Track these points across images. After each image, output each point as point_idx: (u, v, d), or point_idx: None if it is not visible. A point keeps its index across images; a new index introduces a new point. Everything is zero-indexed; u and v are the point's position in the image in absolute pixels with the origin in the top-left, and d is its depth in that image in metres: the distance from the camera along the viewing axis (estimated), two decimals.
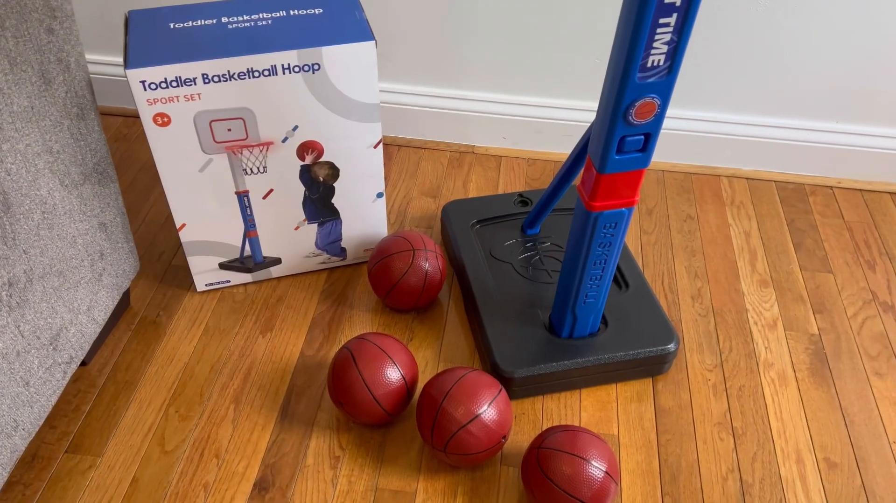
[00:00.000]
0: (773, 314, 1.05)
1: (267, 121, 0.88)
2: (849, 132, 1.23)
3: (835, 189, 1.26)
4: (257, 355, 0.98)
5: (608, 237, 0.80)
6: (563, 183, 0.97)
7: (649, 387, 0.95)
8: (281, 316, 1.03)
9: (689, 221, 1.19)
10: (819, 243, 1.16)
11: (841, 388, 0.95)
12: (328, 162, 0.95)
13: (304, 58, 0.84)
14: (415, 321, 1.03)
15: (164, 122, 0.85)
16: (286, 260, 1.05)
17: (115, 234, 0.91)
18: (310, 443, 0.88)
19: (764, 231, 1.18)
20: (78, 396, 0.92)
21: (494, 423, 0.80)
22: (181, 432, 0.89)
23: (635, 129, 0.69)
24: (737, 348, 1.00)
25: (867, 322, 1.04)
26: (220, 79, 0.83)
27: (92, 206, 0.86)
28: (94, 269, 0.88)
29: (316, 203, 0.99)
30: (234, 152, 0.90)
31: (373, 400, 0.83)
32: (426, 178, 1.27)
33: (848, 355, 0.99)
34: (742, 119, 1.25)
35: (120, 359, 0.97)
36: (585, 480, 0.75)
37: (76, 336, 0.86)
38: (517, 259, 1.05)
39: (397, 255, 0.98)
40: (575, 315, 0.90)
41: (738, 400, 0.94)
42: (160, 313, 1.03)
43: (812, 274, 1.11)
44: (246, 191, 0.95)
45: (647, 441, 0.89)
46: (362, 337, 0.88)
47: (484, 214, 1.11)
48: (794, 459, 0.87)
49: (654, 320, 0.95)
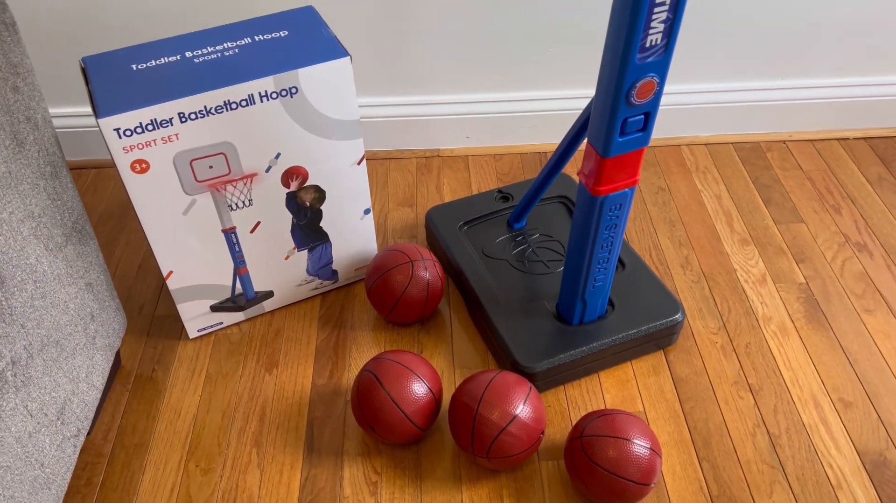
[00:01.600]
0: (759, 270, 1.08)
1: (249, 152, 0.85)
2: (794, 87, 1.29)
3: (788, 143, 1.32)
4: (268, 394, 0.94)
5: (614, 219, 0.81)
6: (550, 176, 0.98)
7: (662, 359, 0.97)
8: (283, 350, 1.00)
9: (662, 193, 1.22)
10: (786, 196, 1.21)
11: (838, 330, 1.00)
12: (314, 185, 0.93)
13: (281, 82, 0.81)
14: (420, 333, 1.01)
15: (142, 169, 0.81)
16: (278, 292, 1.02)
17: (101, 293, 0.86)
18: (343, 473, 0.86)
19: (733, 192, 1.22)
20: (87, 469, 0.87)
21: (532, 420, 0.80)
22: (207, 487, 0.85)
23: (636, 109, 0.70)
24: (735, 308, 1.03)
25: (846, 263, 1.09)
26: (196, 115, 0.79)
27: (77, 266, 0.81)
28: (88, 333, 0.83)
29: (304, 229, 0.97)
30: (217, 189, 0.87)
31: (405, 418, 0.82)
32: (398, 188, 1.26)
33: (837, 298, 1.04)
34: (693, 87, 1.28)
35: (123, 423, 0.92)
36: (633, 460, 0.76)
37: (80, 406, 0.81)
38: (511, 254, 1.05)
39: (396, 269, 0.96)
40: (585, 301, 0.91)
41: (747, 357, 0.97)
42: (155, 368, 0.98)
43: (786, 226, 1.15)
44: (233, 227, 0.91)
45: (673, 411, 0.91)
46: (379, 357, 0.86)
47: (469, 215, 1.10)
48: (812, 404, 0.91)
49: (657, 294, 0.97)
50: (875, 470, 0.84)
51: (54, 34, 1.17)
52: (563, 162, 0.93)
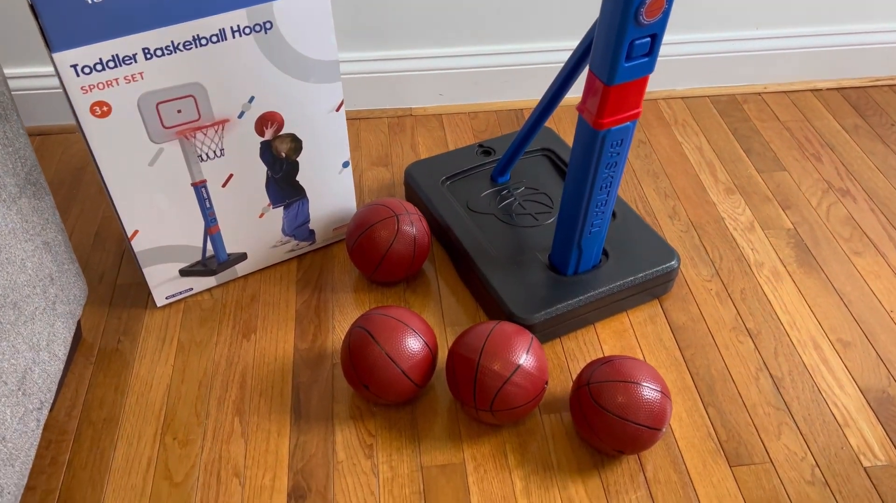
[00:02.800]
0: (747, 217, 1.07)
1: (220, 95, 0.78)
2: (769, 37, 1.28)
3: (763, 94, 1.31)
4: (247, 361, 0.88)
5: (615, 156, 0.78)
6: (536, 126, 0.93)
7: (658, 308, 0.94)
8: (261, 315, 0.93)
9: (643, 146, 1.20)
10: (766, 146, 1.20)
11: (830, 272, 0.98)
12: (290, 134, 0.86)
13: (255, 16, 0.75)
14: (407, 292, 0.96)
15: (103, 112, 0.73)
16: (252, 254, 0.95)
17: (59, 255, 0.79)
18: (335, 437, 0.80)
19: (714, 143, 1.20)
20: (51, 447, 0.79)
21: (536, 369, 0.76)
22: (187, 459, 0.78)
23: (644, 30, 0.66)
24: (726, 255, 1.01)
25: (832, 208, 1.08)
26: (163, 52, 0.72)
27: (33, 222, 0.73)
28: (47, 297, 0.75)
29: (279, 183, 0.90)
30: (186, 137, 0.80)
31: (401, 374, 0.77)
32: (371, 147, 1.20)
33: (825, 242, 1.03)
34: (669, 39, 1.26)
35: (89, 398, 0.84)
36: (644, 404, 0.73)
37: (41, 377, 0.73)
38: (497, 208, 1.00)
39: (381, 224, 0.91)
40: (581, 248, 0.87)
41: (743, 303, 0.95)
42: (120, 339, 0.90)
43: (769, 175, 1.14)
44: (203, 181, 0.84)
45: (674, 359, 0.88)
46: (369, 313, 0.81)
47: (450, 171, 1.05)
48: (812, 346, 0.89)
49: (650, 242, 0.94)
50: (880, 406, 0.83)
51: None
52: (551, 109, 0.89)
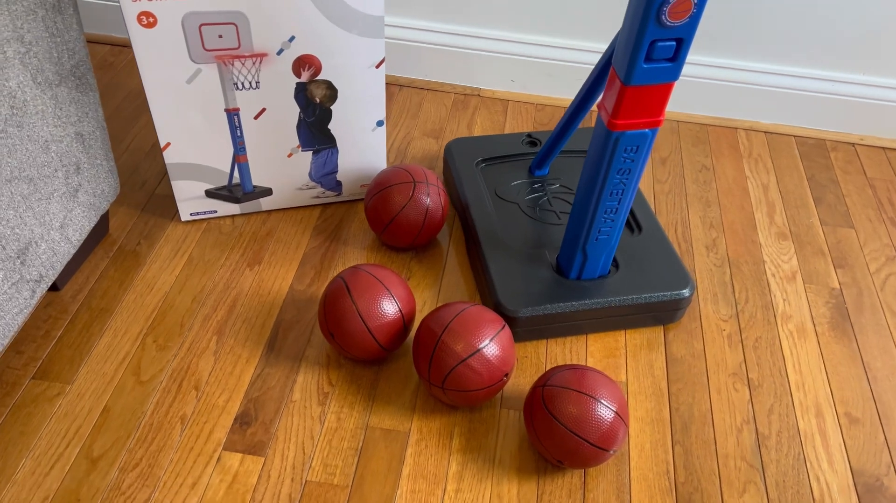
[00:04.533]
0: (791, 266, 0.99)
1: (261, 28, 0.81)
2: (875, 85, 1.17)
3: (857, 146, 1.20)
4: (243, 288, 0.91)
5: (628, 163, 0.74)
6: (574, 118, 0.90)
7: (660, 335, 0.89)
8: (270, 250, 0.96)
9: (705, 172, 1.13)
10: (840, 198, 1.10)
11: (863, 343, 0.90)
12: (326, 81, 0.88)
13: None
14: (413, 261, 0.96)
15: (149, 23, 0.78)
16: (277, 191, 0.98)
17: (93, 149, 0.84)
18: (297, 378, 0.82)
19: (783, 185, 1.12)
20: (48, 322, 0.86)
21: (497, 359, 0.74)
22: (158, 362, 0.83)
23: (668, 31, 0.62)
24: (753, 299, 0.94)
25: (891, 278, 0.98)
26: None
27: (68, 111, 0.79)
28: (69, 183, 0.81)
29: (311, 127, 0.92)
30: (224, 63, 0.83)
31: (366, 331, 0.77)
32: (428, 118, 1.20)
33: (871, 310, 0.94)
34: (762, 67, 1.18)
35: (96, 286, 0.90)
36: (594, 420, 0.70)
37: (47, 253, 0.79)
38: (524, 199, 0.98)
39: (396, 187, 0.91)
40: (585, 253, 0.84)
41: (754, 351, 0.88)
42: (140, 241, 0.96)
43: (833, 228, 1.05)
44: (236, 108, 0.88)
45: (658, 389, 0.83)
46: (358, 267, 0.81)
47: (490, 153, 1.04)
48: (814, 413, 0.82)
49: (668, 264, 0.89)
50: (867, 493, 0.75)
51: None
52: (589, 102, 0.86)
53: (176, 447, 0.75)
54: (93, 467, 0.73)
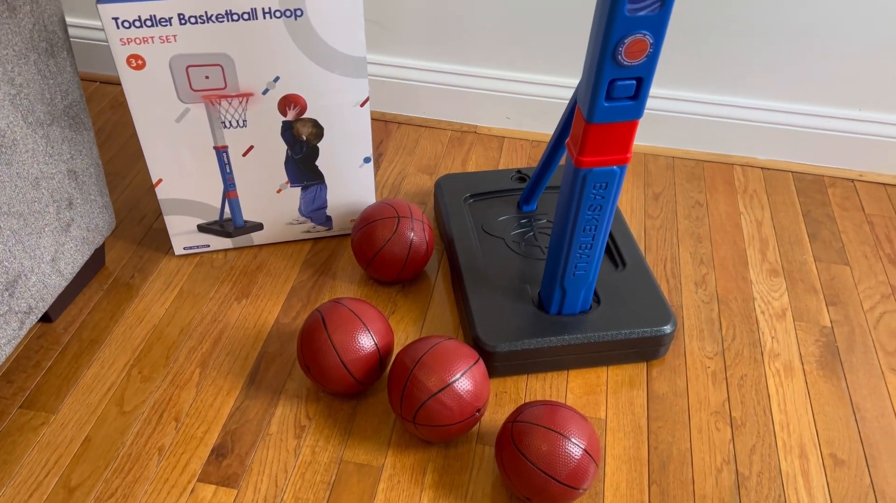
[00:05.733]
0: (782, 304, 0.98)
1: (246, 69, 0.84)
2: (873, 121, 1.16)
3: (856, 182, 1.19)
4: (230, 321, 0.93)
5: (598, 199, 0.75)
6: (555, 152, 0.91)
7: (643, 371, 0.88)
8: (259, 283, 0.98)
9: (698, 208, 1.13)
10: (836, 235, 1.09)
11: (852, 383, 0.88)
12: (311, 119, 0.91)
13: (286, 1, 0.80)
14: (399, 294, 0.97)
15: (138, 66, 0.81)
16: (268, 226, 1.01)
17: (86, 185, 0.88)
18: (275, 411, 0.83)
19: (777, 221, 1.11)
20: (40, 352, 0.88)
21: (468, 394, 0.74)
22: (142, 393, 0.84)
23: (626, 71, 0.63)
24: (740, 337, 0.93)
25: (885, 317, 0.96)
26: (196, 20, 0.79)
27: (60, 150, 0.82)
28: (61, 218, 0.84)
29: (299, 164, 0.95)
30: (211, 102, 0.86)
31: (341, 366, 0.78)
32: (424, 155, 1.22)
33: (862, 349, 0.92)
34: (758, 104, 1.18)
35: (88, 318, 0.93)
36: (562, 457, 0.69)
37: (37, 286, 0.82)
38: (510, 234, 0.99)
39: (381, 222, 0.93)
40: (564, 289, 0.84)
41: (738, 389, 0.87)
42: (135, 274, 0.99)
43: (827, 265, 1.04)
44: (225, 146, 0.90)
45: (637, 426, 0.82)
46: (337, 300, 0.83)
47: (479, 189, 1.05)
48: (797, 454, 0.80)
49: (650, 300, 0.89)
50: None
51: None
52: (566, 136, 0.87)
53: (152, 478, 0.76)
54: (69, 496, 0.75)
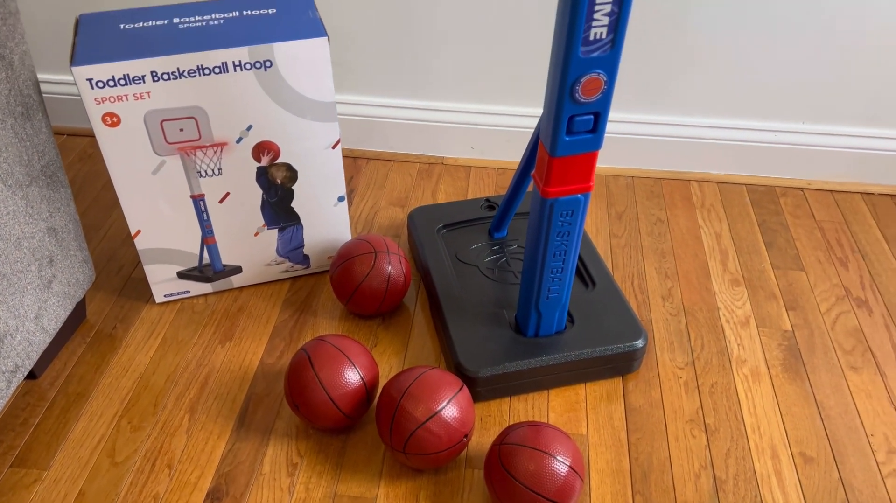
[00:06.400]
0: (745, 312, 1.03)
1: (220, 120, 0.87)
2: (816, 132, 1.23)
3: (805, 190, 1.26)
4: (215, 365, 0.95)
5: (566, 226, 0.79)
6: (522, 181, 0.96)
7: (619, 386, 0.92)
8: (241, 325, 1.00)
9: (660, 224, 1.18)
10: (791, 242, 1.15)
11: (816, 383, 0.93)
12: (285, 163, 0.93)
13: (256, 54, 0.83)
14: (380, 328, 1.00)
15: (113, 123, 0.83)
16: (247, 268, 1.03)
17: (66, 241, 0.89)
18: (266, 450, 0.85)
19: (735, 232, 1.17)
20: (27, 410, 0.89)
21: (455, 421, 0.77)
22: (132, 443, 0.85)
23: (583, 107, 0.68)
24: (708, 346, 0.97)
25: (841, 317, 1.02)
26: (169, 76, 0.82)
27: (39, 209, 0.83)
28: (43, 276, 0.85)
29: (275, 207, 0.97)
30: (187, 153, 0.89)
31: (329, 401, 0.80)
32: (394, 188, 1.26)
33: (822, 350, 0.97)
34: (709, 122, 1.24)
35: (73, 372, 0.93)
36: (549, 476, 0.72)
37: (22, 344, 0.83)
38: (484, 262, 1.03)
39: (359, 258, 0.96)
40: (539, 312, 0.88)
41: (710, 397, 0.91)
42: (117, 325, 1.00)
43: (784, 272, 1.09)
44: (201, 194, 0.93)
45: (618, 440, 0.86)
46: (321, 338, 0.85)
47: (450, 219, 1.09)
48: (769, 454, 0.84)
49: (621, 317, 0.93)
50: None
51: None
52: (532, 167, 0.91)
53: None
54: None
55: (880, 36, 1.12)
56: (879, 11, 1.10)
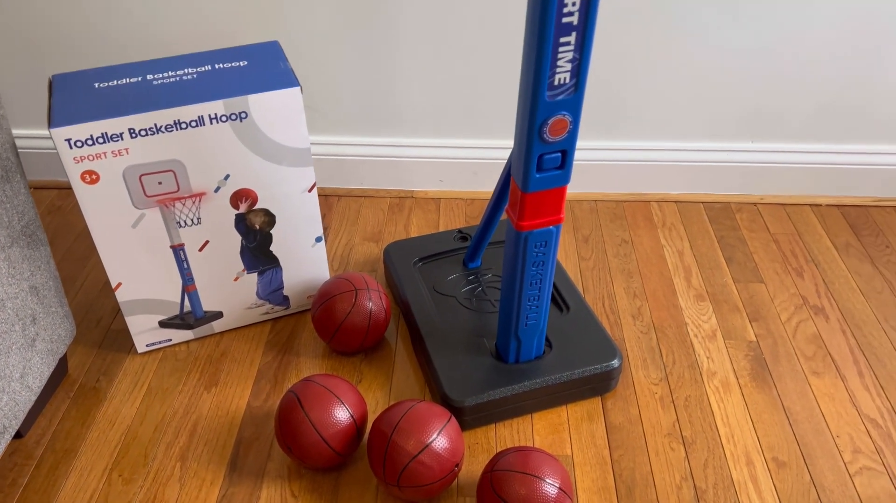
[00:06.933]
0: (711, 325, 1.08)
1: (198, 171, 0.89)
2: (765, 150, 1.30)
3: (759, 205, 1.32)
4: (203, 411, 0.96)
5: (540, 256, 0.83)
6: (494, 213, 0.99)
7: (599, 405, 0.96)
8: (225, 370, 1.01)
9: (624, 245, 1.23)
10: (749, 256, 1.21)
11: (782, 390, 0.98)
12: (263, 209, 0.96)
13: (231, 107, 0.86)
14: (363, 363, 1.02)
15: (92, 180, 0.85)
16: (228, 313, 1.04)
17: (47, 298, 0.90)
18: (261, 493, 0.86)
19: (696, 249, 1.22)
20: (14, 470, 0.88)
21: (446, 451, 0.80)
22: (125, 496, 0.86)
23: (551, 146, 0.72)
24: (680, 361, 1.02)
25: (801, 325, 1.08)
26: (147, 132, 0.84)
27: (21, 269, 0.84)
28: (27, 335, 0.85)
29: (254, 251, 0.99)
30: (166, 205, 0.90)
31: (321, 441, 0.82)
32: (367, 224, 1.29)
33: (786, 358, 1.02)
34: (666, 145, 1.30)
35: (59, 428, 0.93)
36: (540, 499, 0.75)
37: (9, 405, 0.83)
38: (460, 292, 1.06)
39: (340, 297, 0.98)
40: (519, 338, 0.91)
41: (685, 410, 0.95)
42: (100, 378, 1.00)
43: (745, 285, 1.15)
44: (181, 244, 0.94)
45: (601, 458, 0.89)
46: (308, 379, 0.87)
47: (425, 252, 1.12)
48: (745, 462, 0.89)
49: (596, 339, 0.97)
50: None
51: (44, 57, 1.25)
52: (504, 200, 0.95)
53: None
54: None
55: (814, 64, 1.20)
56: (814, 41, 1.17)
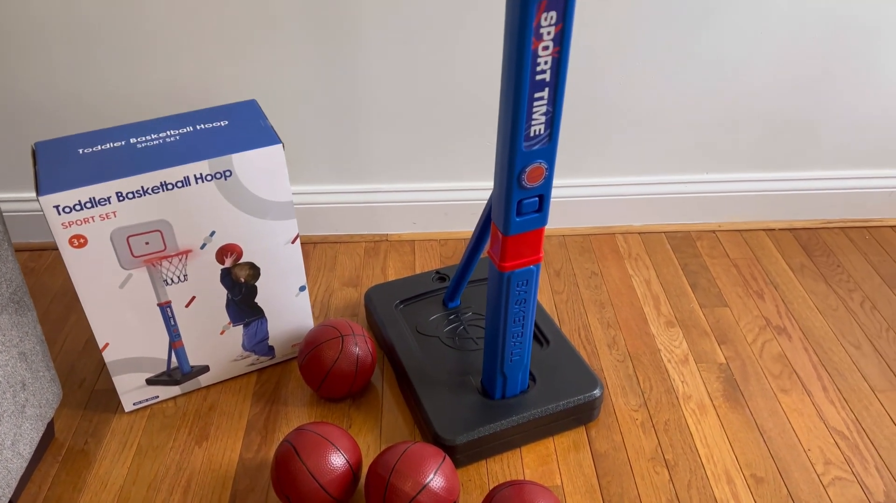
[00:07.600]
0: (683, 350, 1.13)
1: (184, 230, 0.91)
2: (719, 181, 1.37)
3: (717, 233, 1.39)
4: (195, 467, 0.96)
5: (522, 294, 0.87)
6: (473, 254, 1.03)
7: (583, 434, 0.99)
8: (215, 423, 1.02)
9: (595, 277, 1.28)
10: (712, 281, 1.27)
11: (754, 408, 1.03)
12: (248, 262, 0.98)
13: (216, 166, 0.88)
14: (351, 408, 1.04)
15: (80, 244, 0.86)
16: (214, 366, 1.05)
17: (35, 363, 0.90)
18: None
19: (662, 277, 1.28)
20: None
21: (443, 490, 0.82)
22: None
23: (529, 191, 0.76)
24: (656, 386, 1.06)
25: (766, 345, 1.13)
26: (134, 195, 0.86)
27: (10, 336, 0.84)
28: (17, 401, 0.85)
29: (239, 304, 1.01)
30: (153, 264, 0.92)
31: (320, 488, 0.84)
32: (345, 269, 1.31)
33: (755, 378, 1.08)
34: (627, 180, 1.37)
35: (49, 494, 0.93)
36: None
37: (1, 473, 0.82)
38: (443, 332, 1.09)
39: (326, 344, 1.00)
40: (504, 375, 0.95)
41: (665, 433, 0.99)
42: (88, 440, 1.00)
43: (711, 310, 1.21)
44: (168, 301, 0.96)
45: (590, 486, 0.93)
46: (301, 428, 0.89)
47: (406, 294, 1.15)
48: (725, 480, 0.93)
49: (577, 370, 1.01)
50: None
51: (24, 124, 1.26)
52: (482, 242, 0.99)
53: None
54: None
55: (759, 98, 1.28)
56: (758, 79, 1.26)
